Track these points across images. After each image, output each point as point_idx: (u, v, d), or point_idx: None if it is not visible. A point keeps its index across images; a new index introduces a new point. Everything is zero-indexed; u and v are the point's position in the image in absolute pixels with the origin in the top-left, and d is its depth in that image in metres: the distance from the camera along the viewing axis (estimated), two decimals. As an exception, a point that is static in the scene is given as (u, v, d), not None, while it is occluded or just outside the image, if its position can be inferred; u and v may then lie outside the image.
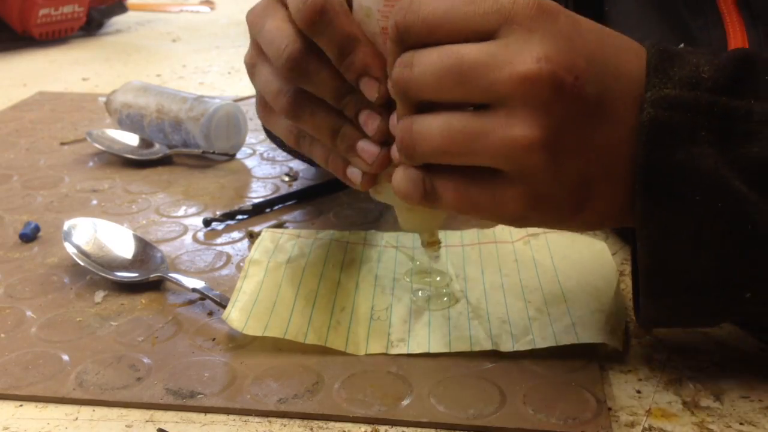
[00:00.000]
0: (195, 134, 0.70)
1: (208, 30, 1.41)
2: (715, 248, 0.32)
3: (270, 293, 0.43)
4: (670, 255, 0.32)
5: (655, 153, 0.31)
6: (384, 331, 0.42)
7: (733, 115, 0.32)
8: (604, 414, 0.35)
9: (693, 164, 0.31)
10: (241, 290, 0.43)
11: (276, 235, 0.51)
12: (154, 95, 0.74)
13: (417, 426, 0.35)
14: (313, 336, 0.40)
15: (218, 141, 0.70)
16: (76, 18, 1.26)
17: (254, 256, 0.47)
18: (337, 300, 0.44)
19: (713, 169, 0.31)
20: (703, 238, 0.32)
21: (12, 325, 0.43)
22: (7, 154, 0.73)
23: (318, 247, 0.49)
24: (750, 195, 0.31)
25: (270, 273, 0.45)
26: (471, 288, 0.45)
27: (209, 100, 0.71)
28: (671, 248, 0.32)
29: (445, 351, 0.40)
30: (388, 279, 0.47)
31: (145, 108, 0.74)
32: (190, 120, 0.70)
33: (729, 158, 0.32)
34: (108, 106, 0.78)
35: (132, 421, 0.36)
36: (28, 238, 0.54)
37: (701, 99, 0.32)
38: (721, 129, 0.32)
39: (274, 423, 0.35)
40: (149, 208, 0.60)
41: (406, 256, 0.49)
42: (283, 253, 0.48)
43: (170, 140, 0.72)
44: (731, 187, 0.31)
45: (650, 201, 0.32)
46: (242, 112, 0.72)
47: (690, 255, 0.32)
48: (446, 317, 0.43)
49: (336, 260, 0.48)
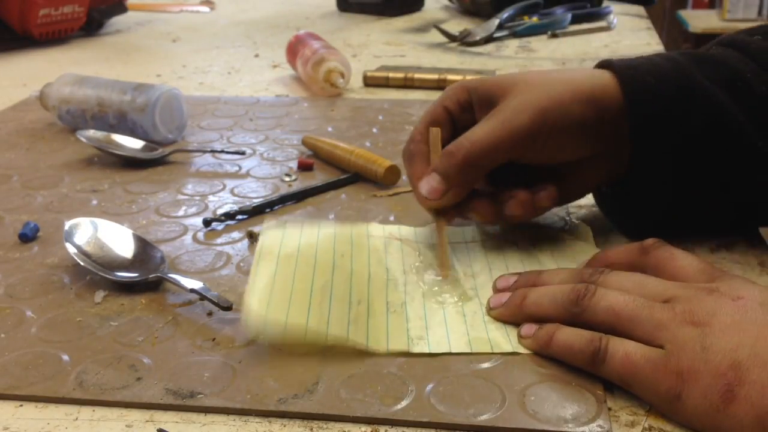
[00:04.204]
0: (142, 124, 0.73)
1: (208, 30, 1.40)
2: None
3: (285, 284, 0.43)
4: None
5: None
6: (402, 326, 0.42)
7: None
8: (604, 414, 0.35)
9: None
10: (255, 281, 0.42)
11: (278, 231, 0.49)
12: (91, 88, 0.77)
13: (417, 426, 0.35)
14: (334, 332, 0.40)
15: (164, 126, 0.74)
16: (76, 18, 1.26)
17: (263, 249, 0.46)
18: (353, 292, 0.44)
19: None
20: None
21: (12, 325, 0.43)
22: (7, 154, 0.73)
23: (324, 237, 0.49)
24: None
25: (282, 263, 0.45)
26: (481, 286, 0.46)
27: (148, 89, 0.74)
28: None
29: (466, 351, 0.40)
30: (398, 272, 0.47)
31: (85, 102, 0.76)
32: (135, 111, 0.73)
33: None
34: (43, 101, 0.79)
35: (132, 421, 0.36)
36: (28, 238, 0.54)
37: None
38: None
39: (274, 423, 0.35)
40: (149, 208, 0.60)
41: (411, 249, 0.49)
42: (291, 244, 0.47)
43: (116, 131, 0.74)
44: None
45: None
46: (180, 93, 0.75)
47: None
48: (461, 314, 0.43)
49: (345, 250, 0.48)
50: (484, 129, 0.46)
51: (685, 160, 0.47)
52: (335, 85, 0.89)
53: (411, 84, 0.94)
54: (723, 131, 0.46)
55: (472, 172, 0.47)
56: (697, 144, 0.46)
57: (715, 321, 0.34)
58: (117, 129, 0.74)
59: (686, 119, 0.46)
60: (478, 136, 0.46)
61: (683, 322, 0.35)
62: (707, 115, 0.46)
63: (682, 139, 0.46)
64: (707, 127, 0.46)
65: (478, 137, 0.46)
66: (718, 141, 0.46)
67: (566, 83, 0.47)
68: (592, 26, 1.27)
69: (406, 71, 0.95)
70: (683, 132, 0.46)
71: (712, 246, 0.50)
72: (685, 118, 0.46)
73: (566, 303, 0.39)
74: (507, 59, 1.09)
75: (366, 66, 1.03)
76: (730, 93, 0.46)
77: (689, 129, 0.46)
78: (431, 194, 0.47)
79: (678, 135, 0.46)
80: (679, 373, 0.34)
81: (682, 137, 0.46)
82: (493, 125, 0.46)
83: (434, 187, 0.47)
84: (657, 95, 0.46)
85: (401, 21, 1.41)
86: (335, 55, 0.91)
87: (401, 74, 0.94)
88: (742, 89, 0.46)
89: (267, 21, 1.48)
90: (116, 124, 0.75)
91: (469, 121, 0.49)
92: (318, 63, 0.89)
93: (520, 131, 0.46)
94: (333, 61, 0.89)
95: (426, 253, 0.49)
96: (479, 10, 1.38)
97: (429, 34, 1.28)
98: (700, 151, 0.46)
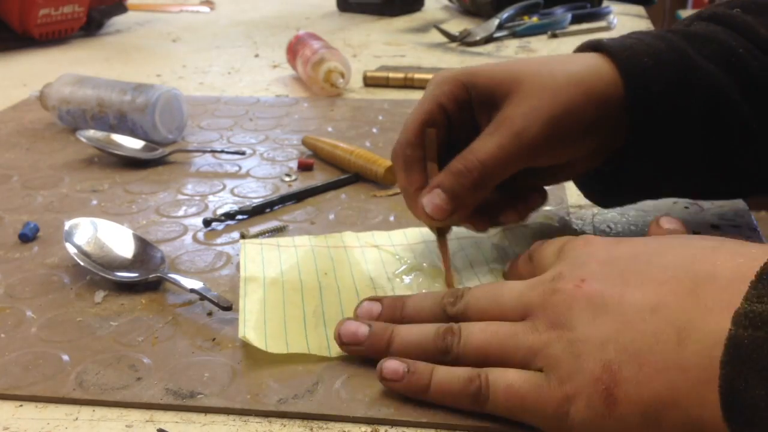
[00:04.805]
0: (142, 124, 0.73)
1: (208, 30, 1.40)
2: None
3: (277, 312, 0.43)
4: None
5: (735, 382, 0.28)
6: None
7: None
8: (604, 414, 0.34)
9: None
10: (246, 310, 0.43)
11: (256, 246, 0.50)
12: (91, 88, 0.77)
13: (417, 426, 0.35)
14: (336, 349, 0.40)
15: (164, 126, 0.74)
16: (76, 18, 1.26)
17: (247, 272, 0.46)
18: (345, 310, 0.43)
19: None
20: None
21: (12, 325, 0.43)
22: (7, 154, 0.73)
23: (303, 255, 0.49)
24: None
25: (269, 290, 0.45)
26: (467, 281, 0.46)
27: (148, 89, 0.74)
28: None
29: None
30: (383, 279, 0.47)
31: (85, 103, 0.76)
32: (135, 111, 0.73)
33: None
34: (43, 101, 0.79)
35: (132, 421, 0.36)
36: (28, 238, 0.54)
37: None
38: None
39: (274, 423, 0.35)
40: (149, 208, 0.60)
41: (390, 254, 0.49)
42: (273, 266, 0.48)
43: (116, 131, 0.74)
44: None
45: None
46: (180, 93, 0.75)
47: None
48: None
49: (326, 267, 0.48)
50: (494, 143, 0.43)
51: (682, 140, 0.45)
52: (335, 85, 0.89)
53: (411, 84, 0.94)
54: (720, 109, 0.45)
55: (484, 191, 0.44)
56: (696, 123, 0.45)
57: (575, 322, 0.33)
58: (117, 129, 0.74)
59: (685, 99, 0.44)
60: (490, 152, 0.43)
61: (549, 338, 0.34)
62: (705, 93, 0.44)
63: (681, 119, 0.45)
64: (706, 105, 0.44)
65: (490, 154, 0.43)
66: (716, 119, 0.45)
67: (576, 83, 0.44)
68: (592, 26, 1.27)
69: (406, 71, 0.95)
70: (683, 112, 0.44)
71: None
72: (684, 98, 0.44)
73: (434, 351, 0.37)
74: (507, 59, 1.09)
75: (366, 66, 1.03)
76: (727, 72, 0.45)
77: (689, 108, 0.44)
78: (437, 214, 0.44)
79: (677, 115, 0.44)
80: (563, 391, 0.32)
81: (682, 117, 0.44)
82: (503, 139, 0.43)
83: (440, 206, 0.44)
84: (655, 75, 0.44)
85: (401, 21, 1.41)
86: (335, 55, 0.91)
87: (401, 74, 0.94)
88: (737, 66, 0.45)
89: (267, 21, 1.48)
90: (116, 124, 0.75)
91: (466, 119, 0.46)
92: (318, 63, 0.89)
93: (532, 143, 0.43)
94: (333, 61, 0.89)
95: (405, 256, 0.49)
96: (479, 10, 1.38)
97: (429, 34, 1.28)
98: (699, 130, 0.45)
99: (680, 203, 0.56)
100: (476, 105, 0.46)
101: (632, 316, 0.32)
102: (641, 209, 0.56)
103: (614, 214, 0.55)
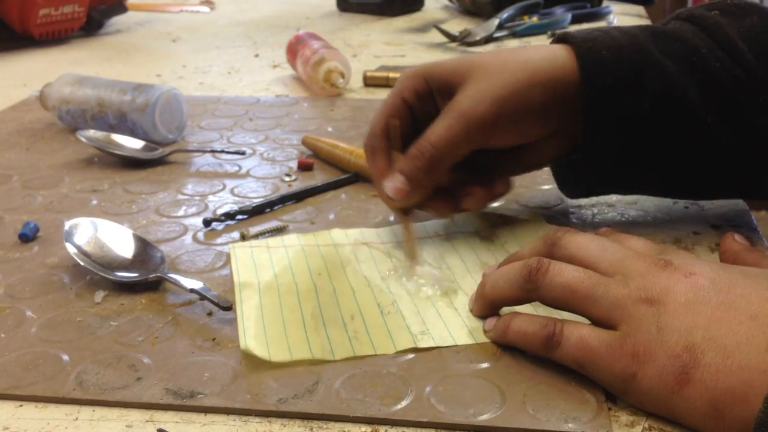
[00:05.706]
0: (142, 124, 0.73)
1: (208, 30, 1.40)
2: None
3: (275, 318, 0.43)
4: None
5: None
6: (402, 324, 0.42)
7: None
8: (604, 414, 0.35)
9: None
10: (244, 318, 0.42)
11: (246, 250, 0.50)
12: (91, 88, 0.77)
13: (417, 426, 0.35)
14: (340, 354, 0.40)
15: (164, 126, 0.74)
16: (76, 18, 1.26)
17: (240, 278, 0.47)
18: (343, 311, 0.43)
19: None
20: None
21: (12, 325, 0.43)
22: (7, 154, 0.73)
23: (295, 256, 0.49)
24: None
25: (265, 294, 0.45)
26: (460, 277, 0.46)
27: (148, 89, 0.74)
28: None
29: (471, 342, 0.40)
30: (377, 278, 0.47)
31: (85, 102, 0.76)
32: (135, 111, 0.73)
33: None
34: (43, 101, 0.79)
35: (132, 421, 0.36)
36: (28, 238, 0.54)
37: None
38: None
39: (274, 423, 0.35)
40: (149, 208, 0.60)
41: (381, 252, 0.50)
42: (266, 269, 0.48)
43: (116, 131, 0.74)
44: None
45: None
46: (180, 93, 0.75)
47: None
48: (452, 308, 0.43)
49: (319, 267, 0.48)
50: (443, 126, 0.46)
51: (636, 133, 0.47)
52: (335, 85, 0.89)
53: (411, 84, 0.93)
54: (674, 106, 0.46)
55: (437, 171, 0.47)
56: (649, 117, 0.47)
57: (670, 299, 0.34)
58: (117, 129, 0.74)
59: (639, 93, 0.46)
60: (438, 135, 0.46)
61: (638, 300, 0.35)
62: (659, 89, 0.46)
63: (634, 113, 0.46)
64: (659, 100, 0.46)
65: (439, 136, 0.46)
66: (669, 115, 0.47)
67: (523, 67, 0.46)
68: (592, 26, 1.27)
69: (406, 71, 0.95)
70: (635, 106, 0.46)
71: (712, 246, 0.50)
72: (638, 92, 0.46)
73: (519, 280, 0.39)
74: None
75: (366, 66, 1.03)
76: (684, 68, 0.47)
77: (641, 103, 0.46)
78: (397, 195, 0.48)
79: (630, 108, 0.46)
80: (635, 353, 0.34)
81: (635, 111, 0.46)
82: (451, 120, 0.46)
83: (399, 189, 0.48)
84: (611, 68, 0.46)
85: (401, 21, 1.41)
86: (335, 55, 0.91)
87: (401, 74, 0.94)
88: (696, 65, 0.47)
89: (267, 21, 1.48)
90: (116, 124, 0.75)
91: (430, 110, 0.49)
92: (318, 63, 0.89)
93: (479, 123, 0.46)
94: (333, 61, 0.89)
95: (396, 253, 0.49)
96: (479, 10, 1.38)
97: (429, 34, 1.28)
98: (652, 125, 0.47)
99: (680, 203, 0.56)
100: (437, 96, 0.49)
101: (730, 316, 0.33)
102: (641, 209, 0.56)
103: (614, 214, 0.55)
